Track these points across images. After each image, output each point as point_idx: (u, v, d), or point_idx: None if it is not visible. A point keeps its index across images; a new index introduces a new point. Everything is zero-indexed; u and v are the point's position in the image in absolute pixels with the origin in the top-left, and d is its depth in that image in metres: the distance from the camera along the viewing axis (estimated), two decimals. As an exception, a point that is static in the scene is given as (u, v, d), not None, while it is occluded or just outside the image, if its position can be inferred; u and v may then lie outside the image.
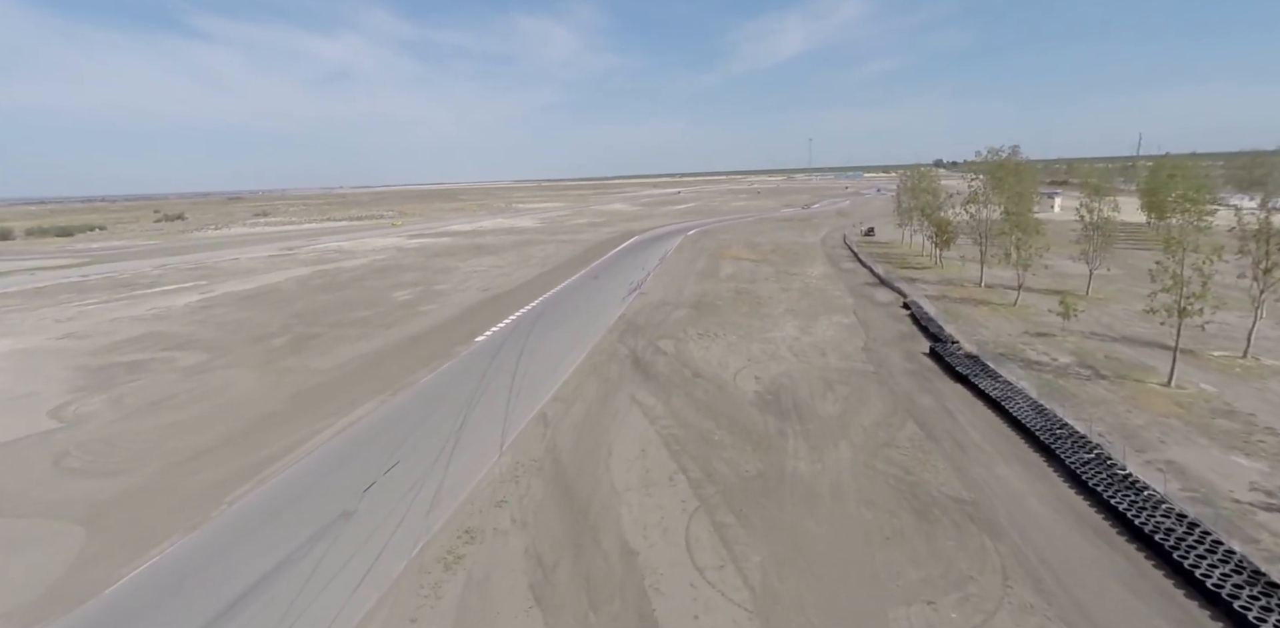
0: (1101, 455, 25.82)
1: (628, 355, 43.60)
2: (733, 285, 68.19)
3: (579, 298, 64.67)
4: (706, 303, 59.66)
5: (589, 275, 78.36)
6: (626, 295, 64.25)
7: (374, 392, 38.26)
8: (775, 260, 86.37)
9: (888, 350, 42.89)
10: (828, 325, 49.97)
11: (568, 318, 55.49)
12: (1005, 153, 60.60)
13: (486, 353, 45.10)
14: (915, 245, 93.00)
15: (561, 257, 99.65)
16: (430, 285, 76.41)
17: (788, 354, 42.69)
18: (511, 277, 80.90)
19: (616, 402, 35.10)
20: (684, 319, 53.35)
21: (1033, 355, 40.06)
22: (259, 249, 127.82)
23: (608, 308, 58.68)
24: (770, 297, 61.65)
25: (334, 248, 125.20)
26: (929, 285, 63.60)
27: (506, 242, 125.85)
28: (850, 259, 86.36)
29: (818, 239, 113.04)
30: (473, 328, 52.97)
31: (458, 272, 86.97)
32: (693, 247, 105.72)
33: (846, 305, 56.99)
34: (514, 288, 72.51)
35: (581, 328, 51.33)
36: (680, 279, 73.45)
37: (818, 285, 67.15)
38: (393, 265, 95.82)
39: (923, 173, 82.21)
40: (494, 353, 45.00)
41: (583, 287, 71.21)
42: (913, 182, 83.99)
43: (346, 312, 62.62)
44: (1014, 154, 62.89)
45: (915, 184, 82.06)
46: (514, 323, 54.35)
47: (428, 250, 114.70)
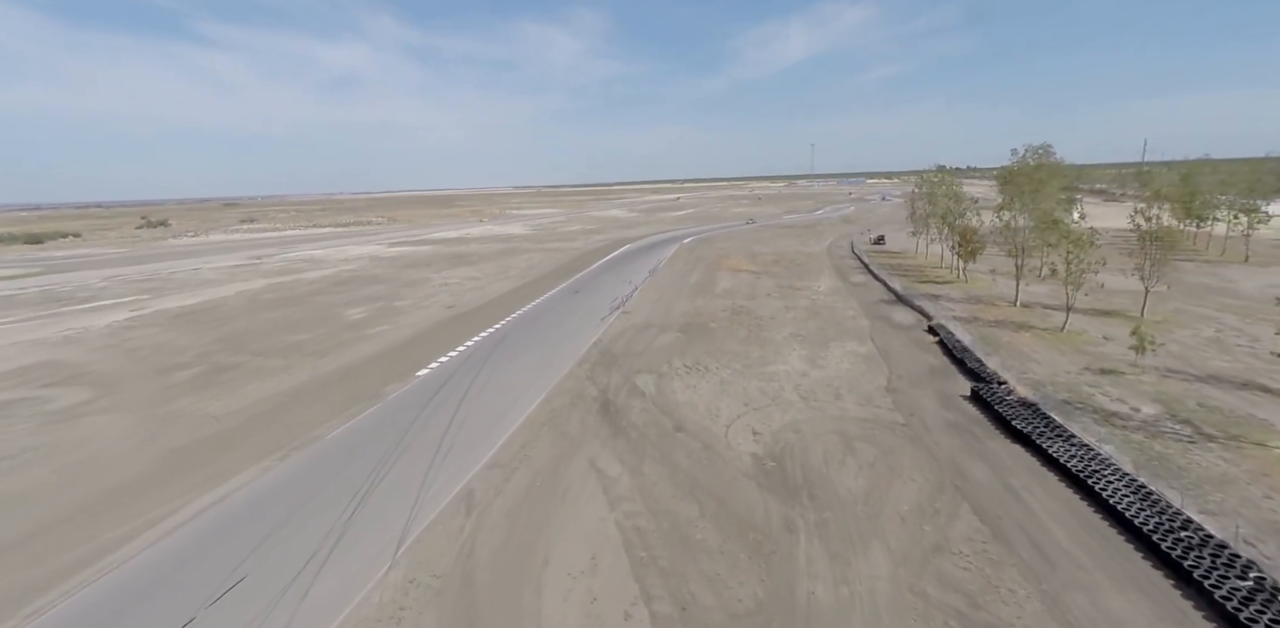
0: (1266, 584, 17.41)
1: (596, 398, 35.25)
2: (729, 303, 59.90)
3: (553, 318, 56.40)
4: (698, 325, 51.34)
5: (569, 290, 70.12)
6: (607, 315, 55.97)
7: (263, 451, 29.89)
8: (777, 272, 78.12)
9: (918, 392, 34.49)
10: (841, 355, 41.62)
11: (534, 344, 47.18)
12: (1040, 153, 52.27)
13: (423, 394, 36.77)
14: (933, 256, 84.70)
15: (544, 268, 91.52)
16: (391, 301, 68.23)
17: (794, 397, 34.32)
18: (484, 291, 72.71)
19: (570, 471, 26.72)
20: (670, 346, 45.03)
21: (1105, 402, 31.58)
22: (226, 258, 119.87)
23: (583, 331, 50.37)
24: (772, 317, 53.33)
25: (305, 257, 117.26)
26: (955, 304, 55.22)
27: (489, 250, 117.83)
28: (860, 271, 78.06)
29: (823, 248, 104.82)
30: (420, 357, 44.68)
31: (427, 285, 78.82)
32: (688, 256, 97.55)
33: (861, 329, 48.65)
34: (483, 304, 64.28)
35: (547, 358, 43.02)
36: (670, 295, 65.17)
37: (826, 303, 58.83)
38: (359, 277, 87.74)
39: (942, 176, 73.84)
40: (432, 394, 36.67)
41: (560, 304, 62.96)
42: (930, 186, 75.81)
43: (284, 334, 54.38)
44: (1046, 154, 54.64)
45: (933, 189, 73.86)
46: (470, 351, 46.04)
47: (403, 260, 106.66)
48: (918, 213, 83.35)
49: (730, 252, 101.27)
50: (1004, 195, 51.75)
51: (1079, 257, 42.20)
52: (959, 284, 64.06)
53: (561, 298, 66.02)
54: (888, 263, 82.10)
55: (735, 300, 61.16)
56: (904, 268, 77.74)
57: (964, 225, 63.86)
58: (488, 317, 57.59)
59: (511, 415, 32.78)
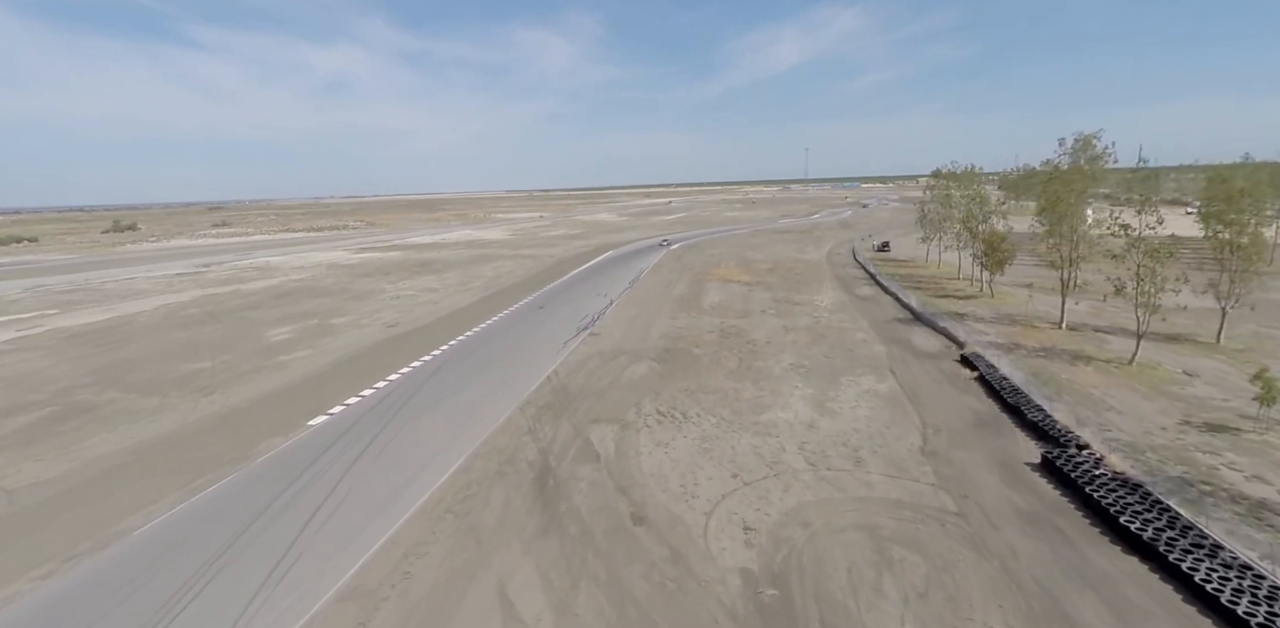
0: None
1: (532, 464, 26.15)
2: (718, 322, 50.97)
3: (507, 340, 47.26)
4: (679, 351, 42.37)
5: (534, 305, 60.99)
6: (572, 337, 46.91)
7: (25, 563, 20.56)
8: (773, 283, 69.36)
9: (967, 456, 25.62)
10: (856, 396, 32.76)
11: (473, 379, 38.00)
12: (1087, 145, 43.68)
13: (303, 457, 27.50)
14: (947, 265, 76.28)
15: (514, 277, 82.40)
16: (328, 317, 58.88)
17: (799, 462, 25.37)
18: (438, 305, 63.49)
19: (468, 603, 17.60)
20: (642, 382, 36.00)
21: (1238, 481, 22.66)
22: (174, 265, 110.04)
23: (538, 360, 41.26)
24: (768, 341, 44.44)
25: (259, 264, 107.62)
26: (986, 325, 46.52)
27: (460, 257, 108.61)
28: (866, 282, 69.41)
29: (822, 255, 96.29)
30: (327, 396, 35.43)
31: (377, 297, 69.52)
32: (675, 264, 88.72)
33: (877, 358, 39.85)
34: (431, 323, 55.05)
35: (484, 400, 33.89)
36: (650, 311, 56.18)
37: (832, 322, 50.02)
38: (306, 288, 78.28)
39: (965, 174, 65.24)
40: (316, 456, 27.42)
41: (520, 322, 53.83)
42: (945, 187, 67.39)
43: (182, 361, 45.00)
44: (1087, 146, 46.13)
45: (949, 190, 65.36)
46: (392, 387, 36.82)
47: (363, 268, 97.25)
48: (929, 217, 75.02)
49: (721, 259, 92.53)
50: (1045, 196, 43.21)
51: (1155, 272, 33.54)
52: (984, 300, 55.39)
53: (524, 315, 56.86)
54: (896, 273, 73.50)
55: (725, 318, 52.26)
56: (916, 279, 69.13)
57: (990, 231, 55.28)
58: (431, 339, 48.38)
59: (408, 496, 23.57)
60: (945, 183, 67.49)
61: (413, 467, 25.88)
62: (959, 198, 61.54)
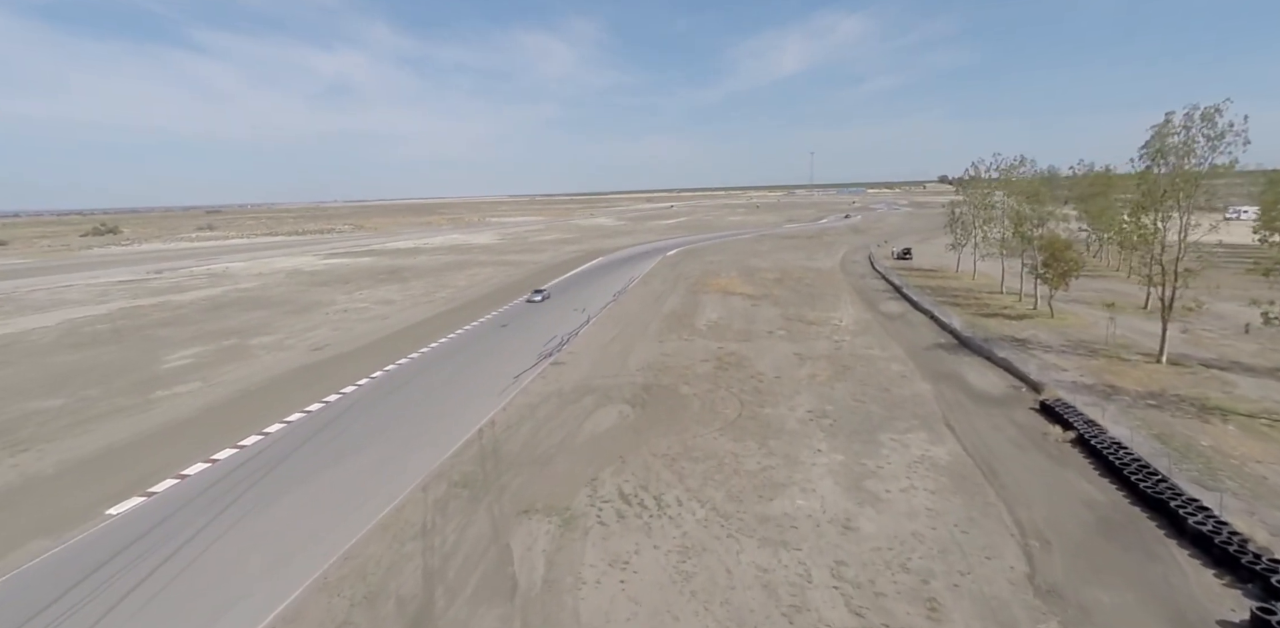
0: None
1: (403, 606, 16.23)
2: (714, 347, 41.11)
3: (446, 372, 37.41)
4: (662, 390, 32.50)
5: (496, 322, 51.18)
6: (529, 368, 37.09)
7: None
8: (782, 297, 59.52)
9: (1111, 600, 15.64)
10: (906, 468, 22.87)
11: (377, 433, 28.10)
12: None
13: (61, 581, 17.69)
14: (984, 276, 66.40)
15: (487, 287, 72.77)
16: (251, 337, 49.23)
17: (836, 611, 15.46)
18: (386, 321, 53.80)
19: None
20: (604, 440, 26.14)
21: None
22: (124, 272, 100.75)
23: (475, 402, 31.39)
24: (778, 375, 34.56)
25: (216, 270, 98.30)
26: (1058, 356, 36.51)
27: (435, 263, 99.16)
28: (891, 295, 59.51)
29: (835, 263, 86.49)
30: (169, 459, 25.63)
31: (322, 311, 59.92)
32: (669, 273, 78.99)
33: (923, 401, 29.96)
34: (368, 345, 45.34)
35: (376, 470, 24.00)
36: (633, 332, 46.36)
37: (857, 348, 40.14)
38: (248, 299, 68.76)
39: (1012, 170, 54.91)
40: (78, 579, 17.62)
41: (472, 345, 44.04)
42: (982, 187, 57.54)
43: (33, 397, 35.34)
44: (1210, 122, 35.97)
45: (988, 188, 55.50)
46: (263, 445, 26.98)
47: (324, 275, 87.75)
48: (961, 220, 65.19)
49: (721, 267, 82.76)
50: (1142, 191, 33.36)
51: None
52: (1042, 320, 45.33)
53: (481, 335, 47.08)
54: (925, 285, 63.58)
55: (723, 342, 42.40)
56: (950, 293, 59.18)
57: (1052, 237, 45.26)
58: (356, 368, 38.62)
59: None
60: (983, 182, 57.48)
61: (203, 616, 15.97)
62: (1011, 197, 51.33)
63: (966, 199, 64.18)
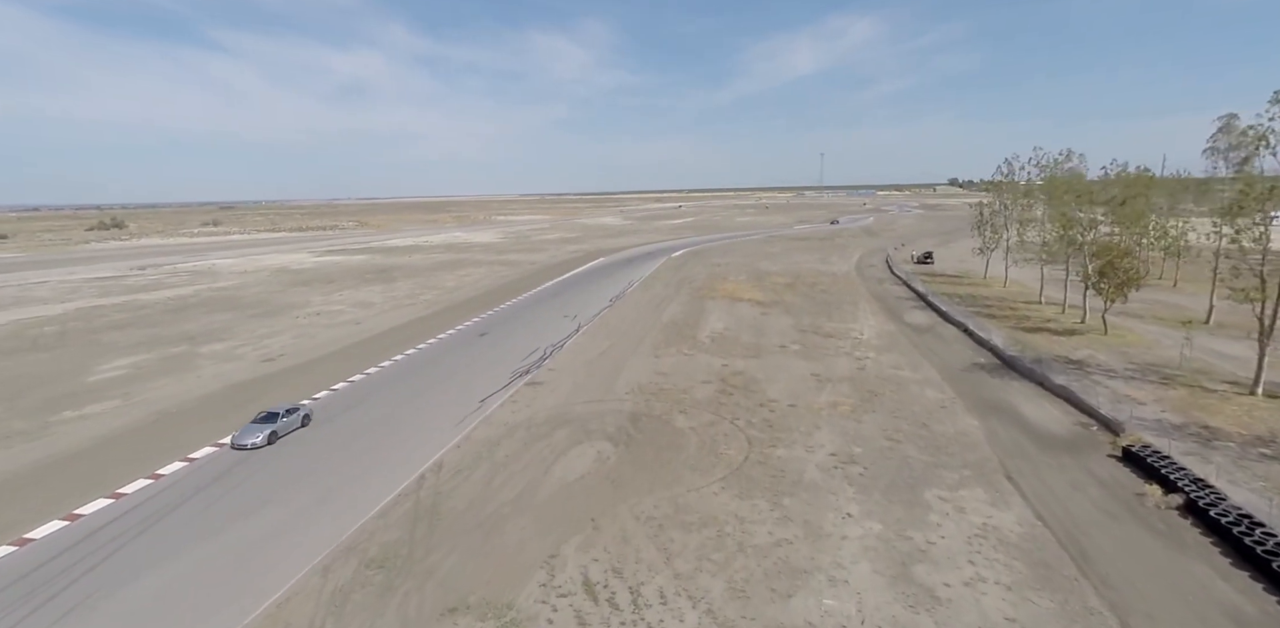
0: None
1: None
2: (718, 364, 35.56)
3: (402, 393, 32.08)
4: (653, 421, 27.04)
5: (476, 330, 45.92)
6: (500, 389, 31.75)
7: None
8: (794, 304, 53.86)
9: None
10: (965, 544, 17.26)
11: (295, 478, 22.79)
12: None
13: None
14: (1016, 284, 60.38)
15: (476, 288, 67.63)
16: (204, 343, 44.31)
17: None
18: (358, 327, 48.72)
19: None
20: (574, 495, 20.68)
21: None
22: (108, 267, 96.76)
23: (421, 437, 26.00)
24: (793, 403, 29.00)
25: (202, 267, 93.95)
26: (1127, 383, 30.62)
27: (429, 262, 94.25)
28: (915, 304, 53.65)
29: (850, 266, 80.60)
30: (11, 517, 20.53)
31: (292, 314, 55.01)
32: (673, 275, 73.49)
33: (972, 441, 24.30)
34: (326, 356, 40.21)
35: (269, 540, 18.64)
36: (627, 344, 40.92)
37: (883, 367, 34.44)
38: (219, 299, 64.05)
39: (1056, 164, 48.70)
40: None
41: (441, 359, 38.76)
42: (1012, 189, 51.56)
43: (-75, 415, 30.49)
44: None
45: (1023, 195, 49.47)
46: (141, 498, 21.76)
47: (311, 273, 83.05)
48: (990, 222, 59.22)
49: (729, 270, 77.15)
50: (1247, 191, 27.44)
51: None
52: (1095, 336, 39.33)
53: (454, 346, 41.84)
54: (952, 292, 57.63)
55: (728, 358, 36.85)
56: (981, 302, 53.20)
57: (1108, 243, 39.26)
58: (300, 386, 33.44)
59: None
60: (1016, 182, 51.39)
61: None
62: (1057, 195, 45.23)
63: (998, 199, 58.15)
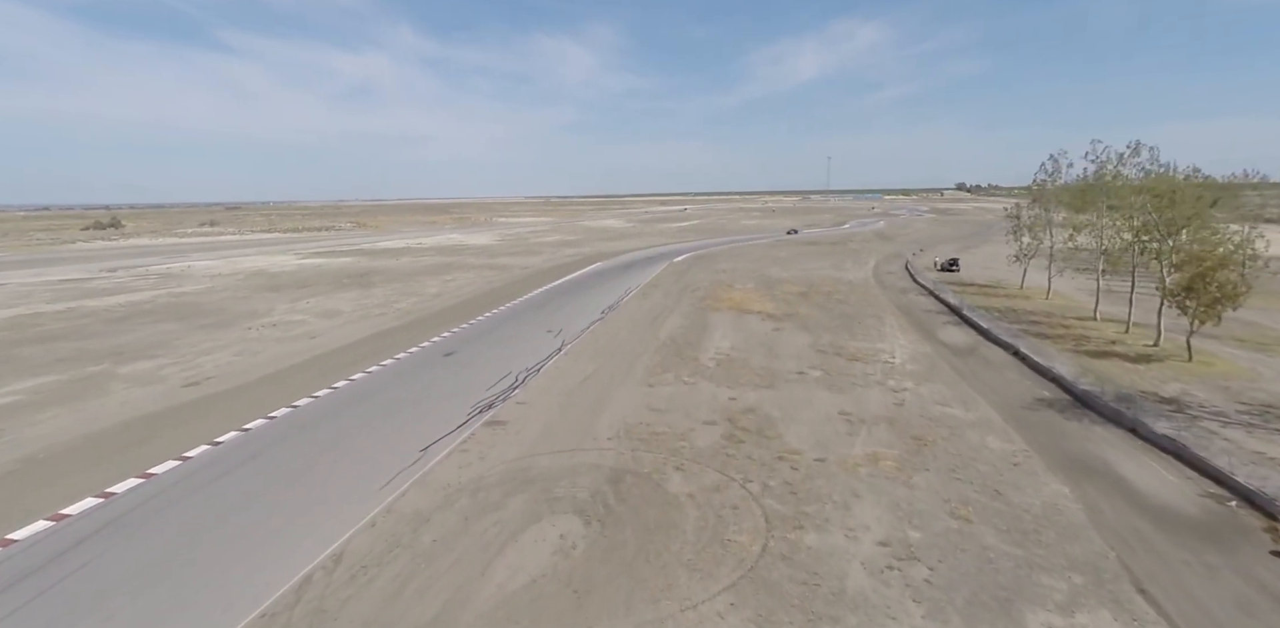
0: None
1: None
2: (725, 398, 29.20)
3: (326, 436, 25.85)
4: (640, 481, 20.73)
5: (443, 348, 39.71)
6: (451, 431, 25.49)
7: None
8: (811, 317, 47.48)
9: None
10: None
11: (105, 597, 16.75)
12: None
13: None
14: (1060, 296, 53.79)
15: (458, 296, 61.54)
16: (128, 362, 38.33)
17: None
18: (313, 341, 42.70)
19: None
20: (516, 617, 14.47)
21: None
22: (76, 269, 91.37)
23: (332, 507, 19.75)
24: (821, 456, 22.59)
25: (174, 270, 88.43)
26: (1247, 432, 24.02)
27: (416, 266, 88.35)
28: (949, 318, 47.17)
29: (867, 273, 74.14)
30: None
31: (246, 324, 49.08)
32: (675, 282, 67.22)
33: (1071, 525, 17.85)
34: (264, 378, 34.13)
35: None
36: (615, 369, 34.60)
37: (926, 403, 28.02)
38: (177, 305, 58.26)
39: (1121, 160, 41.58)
40: None
41: (392, 385, 32.53)
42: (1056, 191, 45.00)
43: None
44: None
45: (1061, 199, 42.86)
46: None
47: (285, 277, 77.26)
48: (1031, 226, 52.73)
49: (735, 276, 70.83)
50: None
51: None
52: (1177, 364, 32.63)
53: (413, 368, 35.61)
54: (988, 305, 51.06)
55: (737, 388, 30.51)
56: (1025, 317, 46.59)
57: (1198, 252, 32.69)
58: (215, 419, 27.34)
59: None
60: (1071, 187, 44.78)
61: None
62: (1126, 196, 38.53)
63: (1040, 202, 51.61)
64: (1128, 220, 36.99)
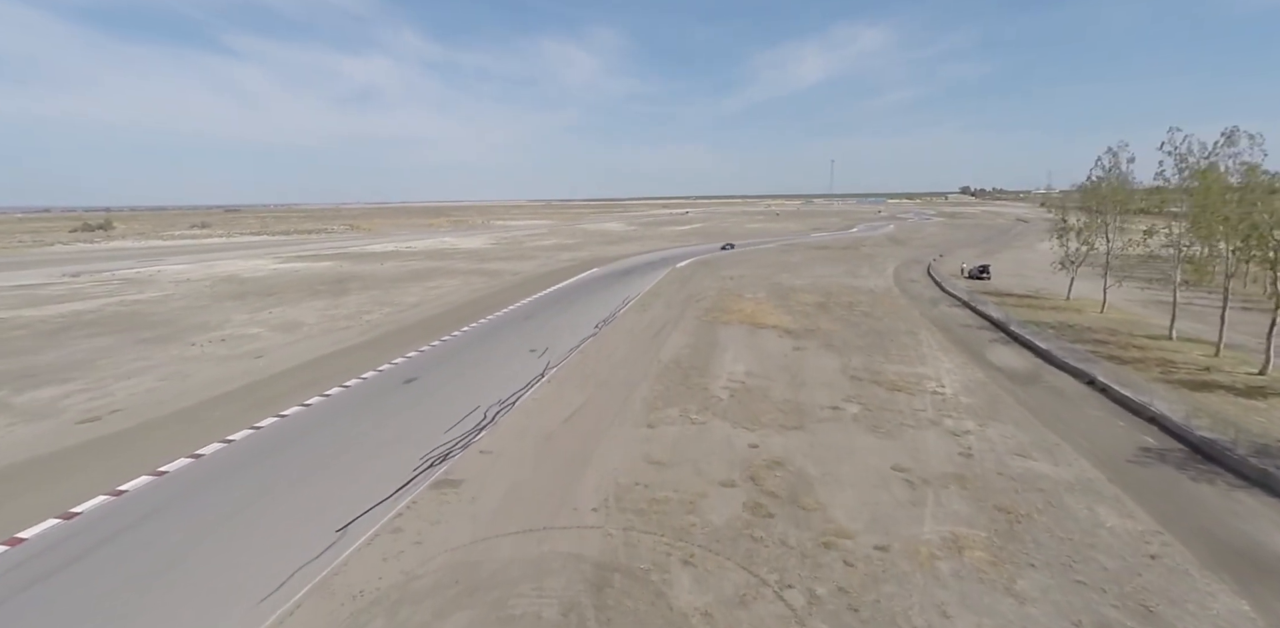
0: None
1: None
2: (744, 445, 23.04)
3: (209, 515, 19.89)
4: (634, 583, 14.58)
5: (405, 372, 33.58)
6: (387, 497, 19.41)
7: None
8: (834, 332, 41.35)
9: None
10: None
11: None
12: None
13: None
14: (1119, 309, 47.66)
15: (439, 305, 55.51)
16: (35, 387, 32.30)
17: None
18: (258, 362, 36.68)
19: None
20: None
21: None
22: (41, 273, 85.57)
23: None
24: (883, 545, 16.43)
25: (142, 275, 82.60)
26: None
27: (399, 271, 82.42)
28: (993, 335, 41.00)
29: (888, 281, 68.03)
30: None
31: (193, 338, 43.14)
32: (678, 291, 61.13)
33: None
34: (181, 411, 28.09)
35: None
36: (607, 400, 28.47)
37: (1001, 455, 21.88)
38: (123, 315, 52.33)
39: (1214, 151, 35.26)
40: None
41: (328, 425, 26.44)
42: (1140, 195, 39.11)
43: None
44: None
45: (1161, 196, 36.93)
46: None
47: (255, 284, 71.37)
48: (1081, 230, 46.64)
49: (744, 284, 64.75)
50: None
51: None
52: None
53: (362, 401, 29.52)
54: (1037, 319, 44.87)
55: (759, 429, 24.36)
56: (1085, 334, 40.38)
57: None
58: (87, 477, 21.35)
59: None
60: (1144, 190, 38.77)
61: None
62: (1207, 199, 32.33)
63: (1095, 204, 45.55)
64: (1225, 223, 30.89)
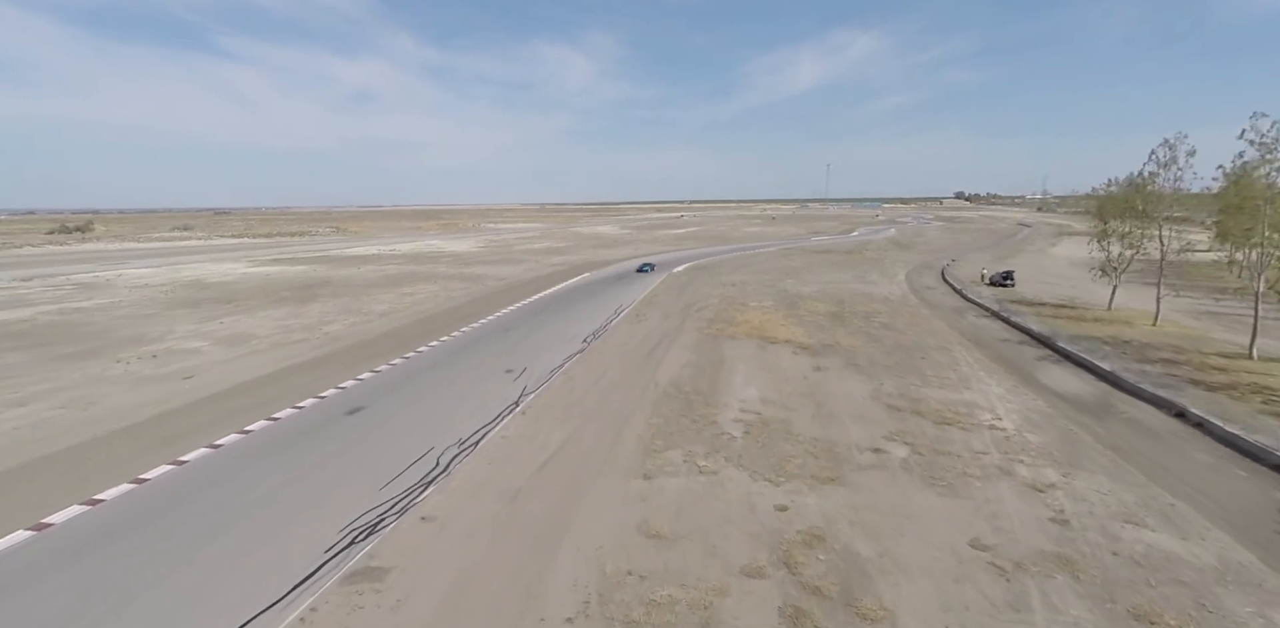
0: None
1: None
2: (768, 508, 17.62)
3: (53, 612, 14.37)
4: None
5: (353, 399, 28.01)
6: (289, 589, 13.89)
7: None
8: (856, 348, 36.00)
9: None
10: None
11: None
12: None
13: None
14: (1175, 322, 42.68)
15: (410, 315, 49.92)
16: (-98, 416, 26.61)
17: None
18: (188, 384, 30.99)
19: None
20: None
21: None
22: None
23: None
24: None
25: (98, 279, 76.61)
26: None
27: (375, 275, 76.73)
28: (1036, 351, 35.77)
29: (902, 288, 62.92)
30: None
31: (119, 354, 37.41)
32: (675, 299, 55.74)
33: None
34: (49, 456, 22.36)
35: None
36: (594, 438, 22.99)
37: (1106, 524, 16.53)
38: (55, 325, 46.51)
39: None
40: None
41: (234, 478, 20.88)
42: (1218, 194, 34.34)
43: None
44: None
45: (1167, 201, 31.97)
46: None
47: (216, 290, 65.53)
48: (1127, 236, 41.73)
49: (748, 291, 59.45)
50: None
51: None
52: None
53: (289, 440, 23.89)
54: (1084, 333, 39.65)
55: (783, 481, 18.94)
56: (1146, 351, 35.16)
57: None
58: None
59: None
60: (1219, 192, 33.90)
61: None
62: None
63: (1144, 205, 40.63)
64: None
